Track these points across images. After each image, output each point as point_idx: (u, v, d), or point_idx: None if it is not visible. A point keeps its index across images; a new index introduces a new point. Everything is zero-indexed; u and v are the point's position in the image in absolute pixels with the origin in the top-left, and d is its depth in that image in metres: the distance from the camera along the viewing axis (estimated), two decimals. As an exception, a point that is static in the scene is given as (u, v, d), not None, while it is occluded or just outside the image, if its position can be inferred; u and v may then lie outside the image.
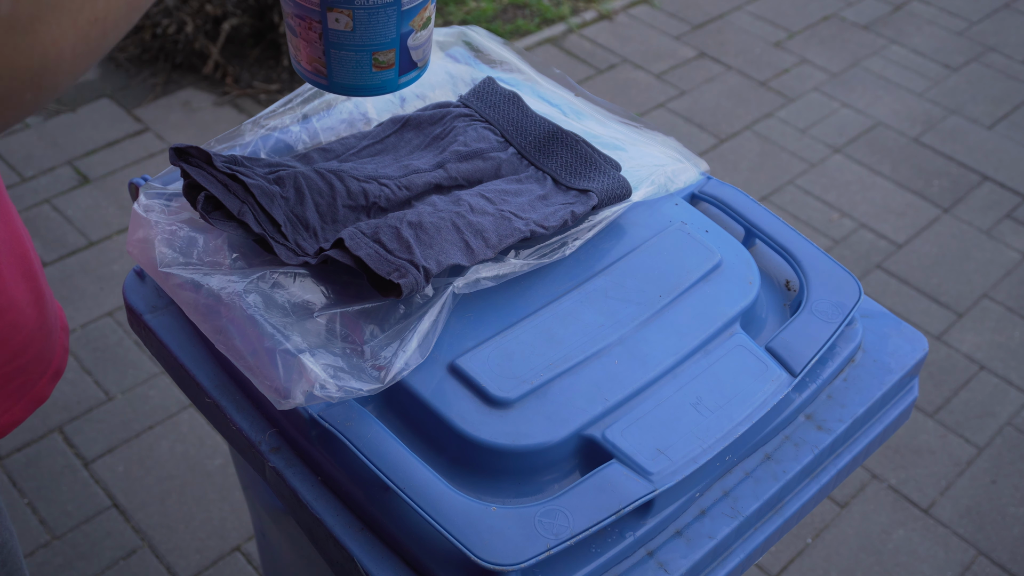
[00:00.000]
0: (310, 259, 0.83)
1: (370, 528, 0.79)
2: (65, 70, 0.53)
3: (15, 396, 0.83)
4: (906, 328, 0.98)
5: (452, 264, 0.83)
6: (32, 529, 1.75)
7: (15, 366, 0.81)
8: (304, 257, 0.84)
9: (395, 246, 0.82)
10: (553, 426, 0.79)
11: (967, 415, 2.07)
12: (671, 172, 1.00)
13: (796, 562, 1.80)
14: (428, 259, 0.82)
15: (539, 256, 0.89)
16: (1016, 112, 2.93)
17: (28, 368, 0.83)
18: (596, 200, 0.92)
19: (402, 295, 0.79)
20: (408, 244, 0.82)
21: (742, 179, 2.62)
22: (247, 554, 1.75)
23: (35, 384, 0.85)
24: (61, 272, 2.21)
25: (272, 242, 0.83)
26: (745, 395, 0.84)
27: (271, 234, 0.84)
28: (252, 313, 0.80)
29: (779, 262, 1.00)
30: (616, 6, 3.26)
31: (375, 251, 0.81)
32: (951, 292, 2.34)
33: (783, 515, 0.87)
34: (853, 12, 3.34)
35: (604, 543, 0.77)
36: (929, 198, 2.60)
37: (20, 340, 0.81)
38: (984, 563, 1.81)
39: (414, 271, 0.80)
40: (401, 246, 0.82)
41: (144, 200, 0.90)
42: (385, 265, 0.80)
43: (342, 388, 0.75)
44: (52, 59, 0.52)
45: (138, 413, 1.95)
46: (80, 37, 0.53)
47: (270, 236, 0.84)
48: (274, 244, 0.83)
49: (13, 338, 0.81)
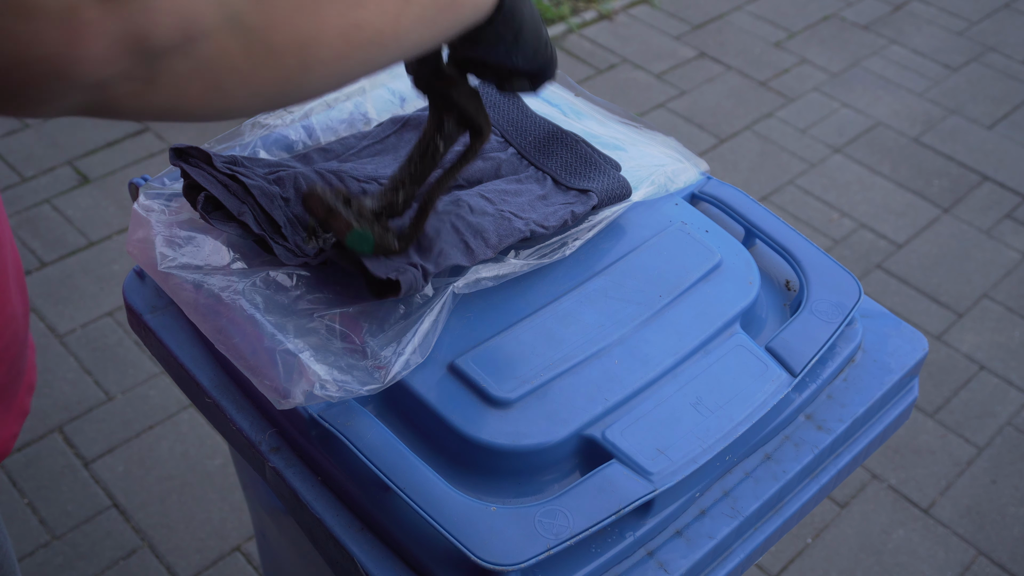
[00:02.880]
0: (310, 260, 0.83)
1: (370, 528, 0.79)
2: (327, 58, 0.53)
3: (5, 408, 0.83)
4: (906, 328, 0.98)
5: (452, 264, 0.83)
6: (32, 529, 1.75)
7: (10, 377, 0.82)
8: (304, 258, 0.84)
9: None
10: (553, 426, 0.79)
11: (967, 415, 2.07)
12: (671, 172, 1.00)
13: (796, 562, 1.80)
14: (427, 260, 0.82)
15: (539, 256, 0.89)
16: (1016, 112, 2.93)
17: (16, 380, 0.84)
18: (596, 200, 0.92)
19: (400, 294, 0.79)
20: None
21: (742, 179, 2.62)
22: (247, 554, 1.75)
23: (16, 395, 0.85)
24: (61, 272, 2.21)
25: (272, 243, 0.83)
26: (745, 395, 0.84)
27: (271, 235, 0.84)
28: (252, 313, 0.80)
29: (779, 262, 1.00)
30: (616, 6, 3.26)
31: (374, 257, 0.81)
32: (951, 292, 2.34)
33: (783, 515, 0.87)
34: (853, 12, 3.34)
35: (604, 543, 0.77)
36: (929, 198, 2.60)
37: (16, 351, 0.82)
38: (984, 563, 1.81)
39: (412, 270, 0.80)
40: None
41: (144, 200, 0.90)
42: (383, 267, 0.80)
43: (342, 388, 0.75)
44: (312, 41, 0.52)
45: (138, 413, 1.95)
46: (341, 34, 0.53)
47: (270, 237, 0.84)
48: (274, 245, 0.83)
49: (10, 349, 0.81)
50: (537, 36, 0.70)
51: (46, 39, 0.41)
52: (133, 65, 0.44)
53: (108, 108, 0.47)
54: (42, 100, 0.44)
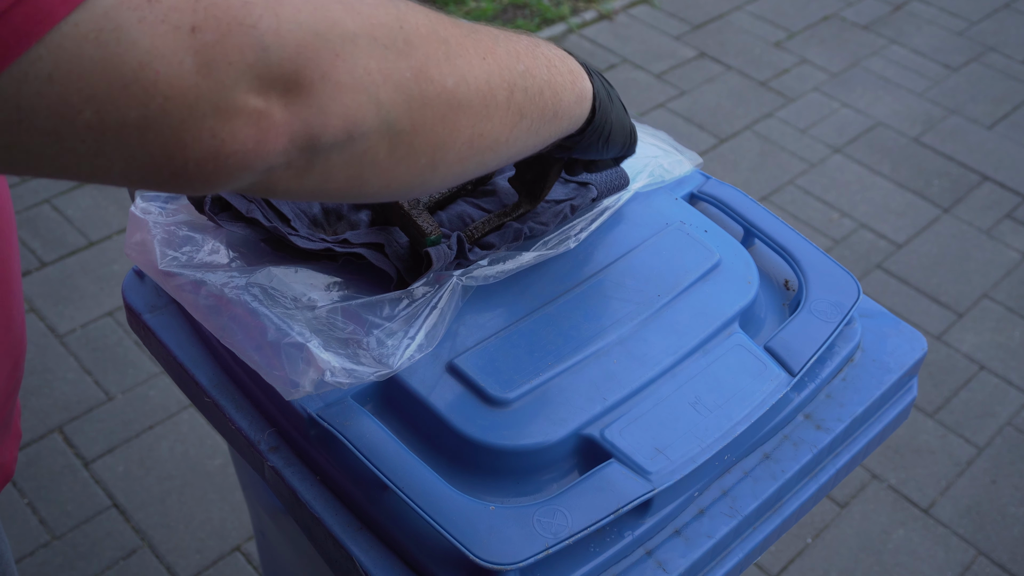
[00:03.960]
0: (332, 245, 0.84)
1: (369, 527, 0.79)
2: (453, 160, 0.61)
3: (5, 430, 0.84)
4: (905, 328, 0.98)
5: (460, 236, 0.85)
6: (32, 529, 1.75)
7: (11, 403, 0.82)
8: (326, 243, 0.84)
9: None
10: (552, 425, 0.79)
11: (967, 415, 2.07)
12: (667, 163, 1.00)
13: (796, 562, 1.80)
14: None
15: (544, 248, 0.89)
16: (1016, 112, 2.93)
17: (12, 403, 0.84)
18: (595, 192, 0.92)
19: (433, 267, 0.81)
20: None
21: (742, 179, 2.62)
22: (247, 554, 1.75)
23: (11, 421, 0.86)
24: (61, 272, 2.22)
25: (287, 236, 0.84)
26: (744, 394, 0.84)
27: (284, 229, 0.84)
28: (256, 307, 0.80)
29: (778, 262, 1.00)
30: (616, 6, 3.26)
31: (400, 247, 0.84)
32: (951, 292, 2.34)
33: (782, 514, 0.87)
34: (853, 12, 3.34)
35: (603, 542, 0.77)
36: (929, 198, 2.60)
37: (21, 370, 0.82)
38: (984, 563, 1.81)
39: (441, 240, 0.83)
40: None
41: (141, 203, 0.90)
42: (411, 251, 0.83)
43: (351, 375, 0.75)
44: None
45: (138, 413, 1.95)
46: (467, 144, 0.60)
47: (283, 231, 0.84)
48: (289, 236, 0.84)
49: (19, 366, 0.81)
50: (623, 133, 0.80)
51: (241, 137, 0.47)
52: (299, 157, 0.50)
53: (263, 189, 0.53)
54: (218, 185, 0.49)
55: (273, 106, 0.47)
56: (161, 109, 0.44)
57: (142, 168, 0.46)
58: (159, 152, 0.45)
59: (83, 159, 0.45)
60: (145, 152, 0.45)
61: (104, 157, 0.45)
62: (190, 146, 0.46)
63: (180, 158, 0.46)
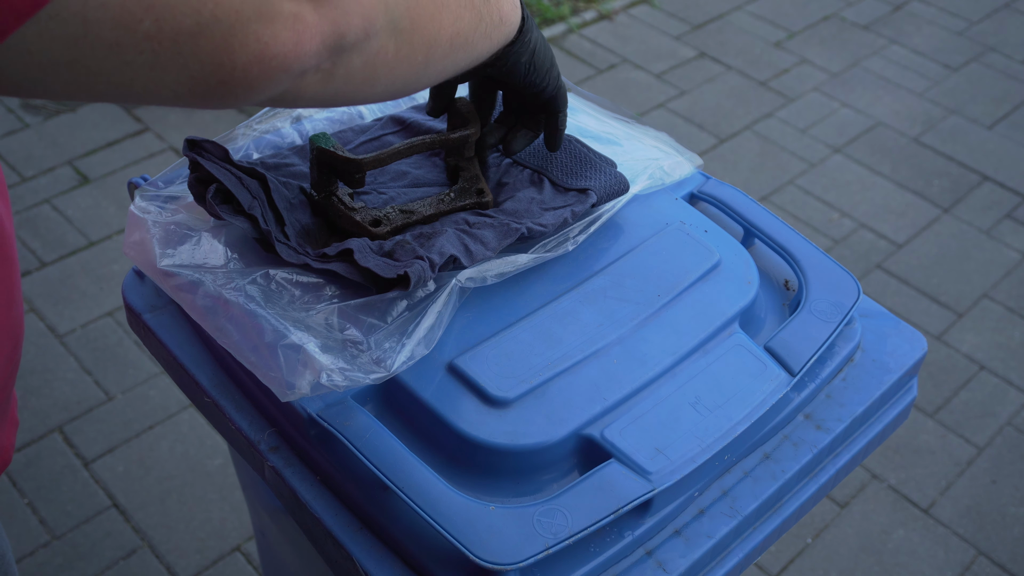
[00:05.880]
0: (311, 262, 0.83)
1: (369, 527, 0.79)
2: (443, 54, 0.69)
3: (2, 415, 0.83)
4: (905, 328, 0.98)
5: (453, 255, 0.83)
6: (32, 529, 1.75)
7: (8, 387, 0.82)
8: (306, 258, 0.84)
9: (400, 253, 0.83)
10: (552, 425, 0.79)
11: (967, 415, 2.07)
12: (667, 166, 1.00)
13: (796, 562, 1.80)
14: (431, 252, 0.82)
15: (543, 251, 0.89)
16: (1016, 112, 2.93)
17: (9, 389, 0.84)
18: (595, 198, 0.92)
19: (410, 286, 0.79)
20: (412, 248, 0.83)
21: (742, 179, 2.62)
22: (247, 554, 1.75)
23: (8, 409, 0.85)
24: (61, 272, 2.22)
25: (275, 242, 0.84)
26: (744, 394, 0.84)
27: (275, 233, 0.84)
28: (253, 308, 0.80)
29: (778, 262, 1.00)
30: (616, 6, 3.26)
31: (383, 262, 0.81)
32: (951, 292, 2.34)
33: (782, 514, 0.87)
34: (853, 12, 3.34)
35: (603, 542, 0.77)
36: (929, 198, 2.60)
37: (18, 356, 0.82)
38: (984, 563, 1.81)
39: (419, 263, 0.80)
40: (405, 252, 0.83)
41: (140, 202, 0.90)
42: (392, 269, 0.80)
43: (348, 377, 0.75)
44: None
45: (138, 413, 1.95)
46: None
47: (274, 235, 0.84)
48: (276, 243, 0.84)
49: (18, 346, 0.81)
50: (547, 56, 0.85)
51: (282, 39, 0.52)
52: (326, 59, 0.56)
53: (292, 98, 0.58)
54: (259, 91, 0.54)
55: (304, 9, 0.53)
56: (212, 15, 0.49)
57: (193, 78, 0.50)
58: (209, 59, 0.50)
59: (139, 72, 0.49)
60: (197, 59, 0.50)
61: (159, 69, 0.49)
62: (237, 51, 0.50)
63: (228, 64, 0.51)
